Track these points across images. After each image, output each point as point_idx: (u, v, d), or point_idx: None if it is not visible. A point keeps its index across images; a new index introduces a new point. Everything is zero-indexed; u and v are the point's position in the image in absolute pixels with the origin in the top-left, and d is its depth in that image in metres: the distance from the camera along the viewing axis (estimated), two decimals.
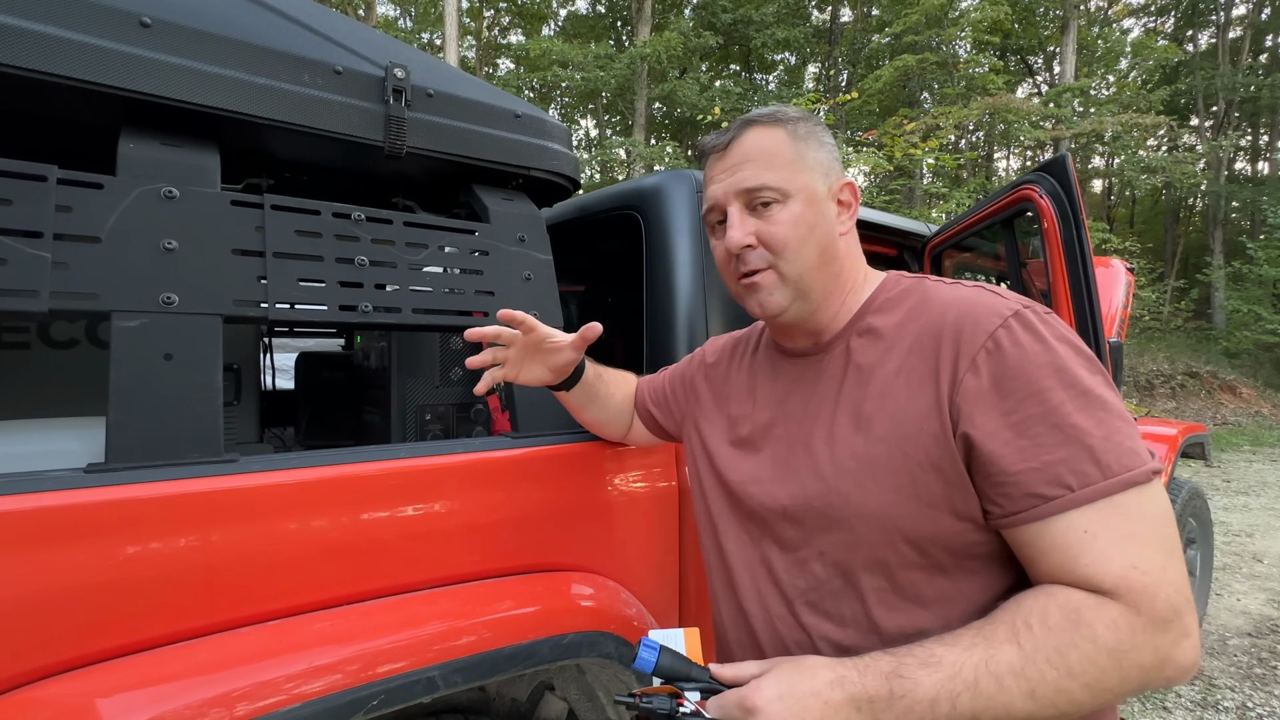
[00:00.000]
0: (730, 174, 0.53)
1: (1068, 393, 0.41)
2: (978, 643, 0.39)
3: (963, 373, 0.44)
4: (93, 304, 0.55)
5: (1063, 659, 0.38)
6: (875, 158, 6.08)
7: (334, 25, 0.74)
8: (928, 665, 0.39)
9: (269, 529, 0.56)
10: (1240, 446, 6.42)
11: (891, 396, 0.47)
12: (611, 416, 0.73)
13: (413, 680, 0.55)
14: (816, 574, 0.50)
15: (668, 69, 10.51)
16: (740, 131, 0.53)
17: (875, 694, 0.39)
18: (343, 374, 1.29)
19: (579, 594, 0.69)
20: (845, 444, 0.49)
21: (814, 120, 0.55)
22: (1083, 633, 0.38)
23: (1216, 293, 10.89)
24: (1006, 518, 0.42)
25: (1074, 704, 0.38)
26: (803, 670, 0.42)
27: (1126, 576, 0.38)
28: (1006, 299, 0.46)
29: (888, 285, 0.54)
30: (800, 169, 0.52)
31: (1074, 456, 0.40)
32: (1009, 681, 0.38)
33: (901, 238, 1.48)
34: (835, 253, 0.53)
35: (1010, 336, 0.44)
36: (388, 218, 0.73)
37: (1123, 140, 9.98)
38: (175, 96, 0.62)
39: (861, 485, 0.47)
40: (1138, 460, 0.40)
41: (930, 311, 0.49)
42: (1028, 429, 0.41)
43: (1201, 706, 1.75)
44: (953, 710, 0.38)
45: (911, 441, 0.45)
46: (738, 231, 0.52)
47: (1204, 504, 2.10)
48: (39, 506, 0.48)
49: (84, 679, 0.48)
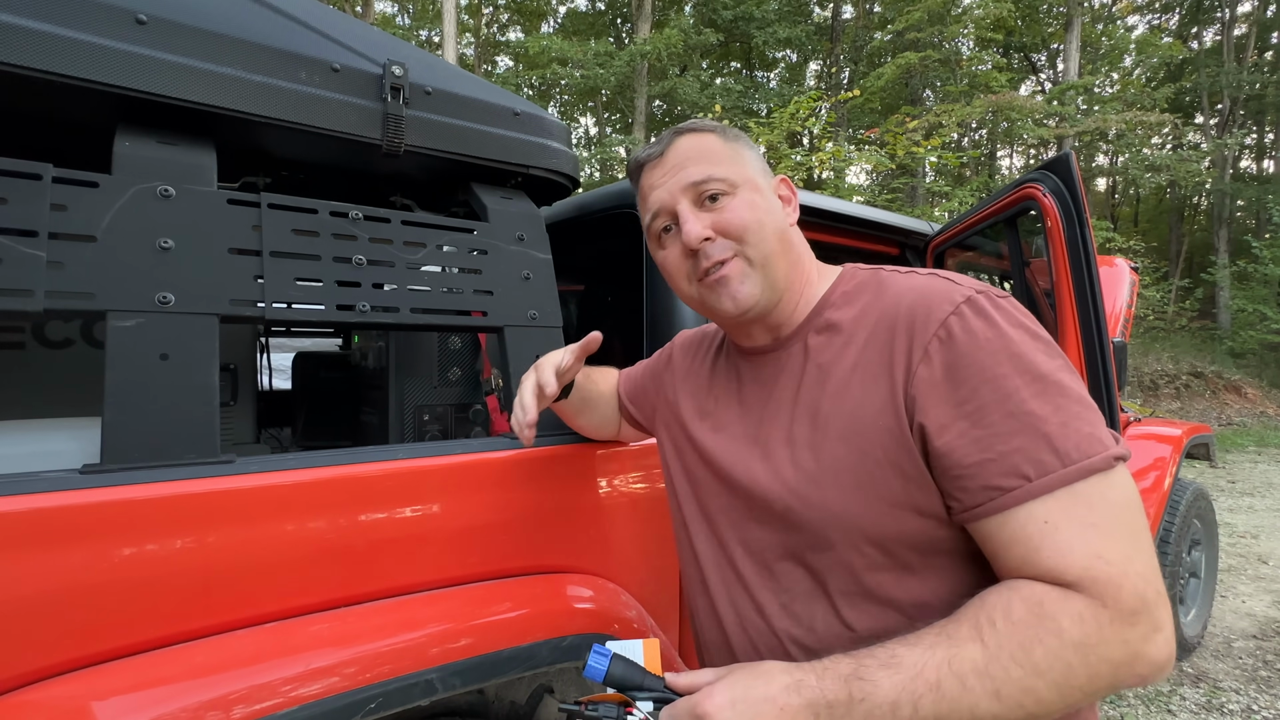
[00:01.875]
0: (672, 175, 0.52)
1: (1023, 379, 0.40)
2: (940, 642, 0.38)
3: (916, 363, 0.43)
4: (88, 303, 0.55)
5: (1027, 655, 0.36)
6: (877, 156, 6.06)
7: (331, 22, 0.74)
8: (888, 666, 0.38)
9: (266, 530, 0.56)
10: (1245, 447, 6.38)
11: (848, 394, 0.47)
12: (602, 419, 0.73)
13: (411, 683, 0.55)
14: (784, 577, 0.49)
15: (668, 66, 10.50)
16: (673, 139, 0.54)
17: (834, 699, 0.38)
18: (340, 374, 1.28)
19: (578, 595, 0.69)
20: (805, 446, 0.48)
21: (736, 129, 0.56)
22: (1047, 627, 0.36)
23: (1221, 292, 10.83)
24: (966, 512, 0.41)
25: (1041, 704, 0.36)
26: (758, 675, 0.41)
27: (1090, 567, 0.37)
28: (960, 285, 0.45)
29: (845, 278, 0.54)
30: (739, 163, 0.52)
31: (1031, 445, 0.39)
32: (972, 681, 0.36)
33: (904, 236, 1.47)
34: (791, 240, 0.53)
35: (962, 323, 0.42)
36: (385, 216, 0.73)
37: (1127, 138, 9.93)
38: (171, 94, 0.61)
39: (822, 488, 0.46)
40: (1098, 446, 0.39)
41: (884, 302, 0.48)
42: (982, 418, 0.40)
43: (1206, 709, 1.74)
44: (915, 713, 0.37)
45: (869, 439, 0.44)
46: (694, 225, 0.50)
47: (1209, 505, 2.09)
48: (34, 508, 0.48)
49: (80, 681, 0.47)
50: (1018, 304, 0.45)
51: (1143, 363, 8.61)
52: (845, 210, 1.31)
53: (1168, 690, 1.84)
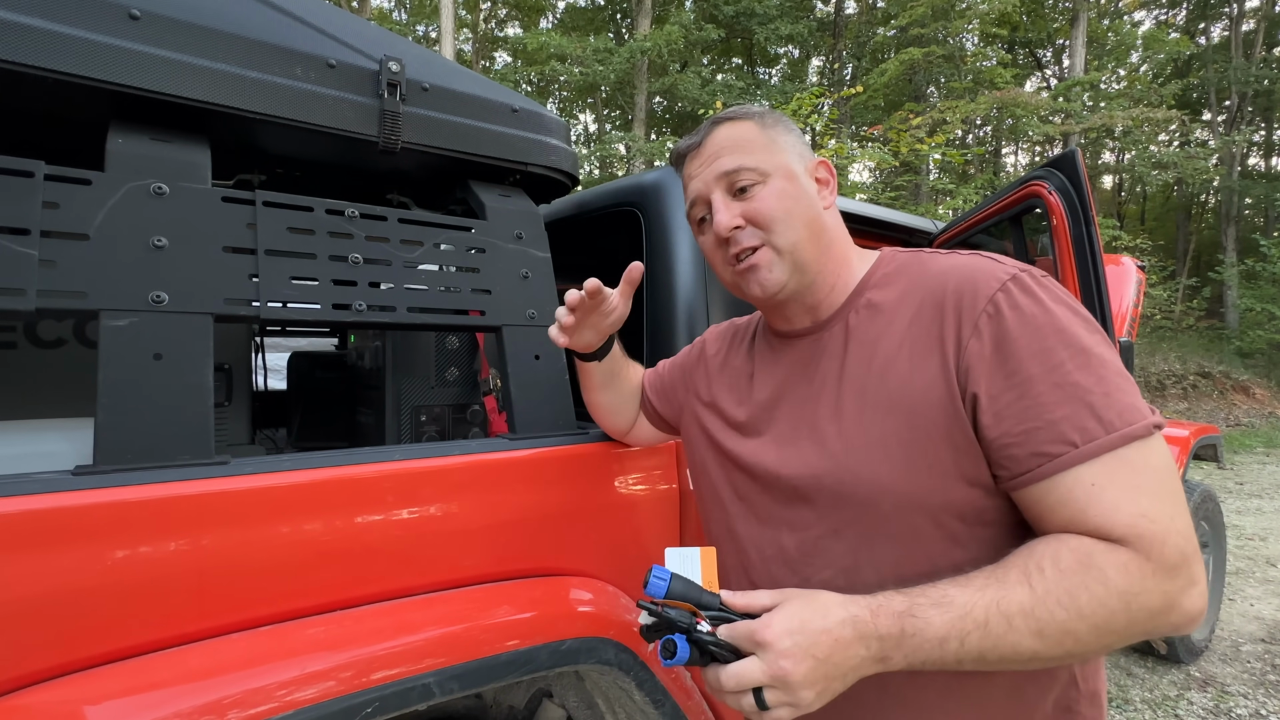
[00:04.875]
0: (707, 165, 0.55)
1: (1067, 352, 0.42)
2: (990, 584, 0.40)
3: (966, 338, 0.45)
4: (80, 302, 0.54)
5: (1073, 600, 0.39)
6: (880, 153, 6.03)
7: (327, 18, 0.73)
8: (939, 605, 0.40)
9: (261, 532, 0.55)
10: (1253, 448, 6.32)
11: (895, 369, 0.48)
12: (623, 402, 0.73)
13: (408, 687, 0.54)
14: (831, 552, 0.50)
15: (668, 62, 10.45)
16: (711, 129, 0.56)
17: (886, 633, 0.40)
18: (336, 374, 1.28)
19: (578, 599, 0.68)
20: (853, 420, 0.49)
21: (778, 113, 0.58)
22: (1094, 575, 0.39)
23: (1229, 291, 10.73)
24: (1014, 479, 0.43)
25: (1080, 644, 0.39)
26: (814, 608, 0.42)
27: (1135, 525, 0.39)
28: (1004, 264, 0.47)
29: (884, 261, 0.55)
30: (774, 151, 0.54)
31: (1076, 414, 0.41)
32: (1018, 621, 0.39)
33: (908, 235, 1.46)
34: (823, 225, 0.55)
35: (1009, 300, 0.45)
36: (382, 214, 0.72)
37: (1133, 135, 9.85)
38: (165, 91, 0.61)
39: (871, 460, 0.48)
40: (1138, 415, 0.41)
41: (929, 281, 0.50)
42: (1029, 389, 0.42)
43: (1214, 714, 1.73)
44: (961, 648, 0.39)
45: (919, 413, 0.46)
46: (724, 215, 0.54)
47: (1216, 507, 2.07)
48: (26, 509, 0.47)
49: (72, 685, 0.47)
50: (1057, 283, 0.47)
51: (1149, 363, 8.55)
52: (848, 208, 1.30)
53: (1175, 695, 1.82)
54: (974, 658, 0.39)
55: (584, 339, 0.64)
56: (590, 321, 0.62)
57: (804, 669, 0.39)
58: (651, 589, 0.44)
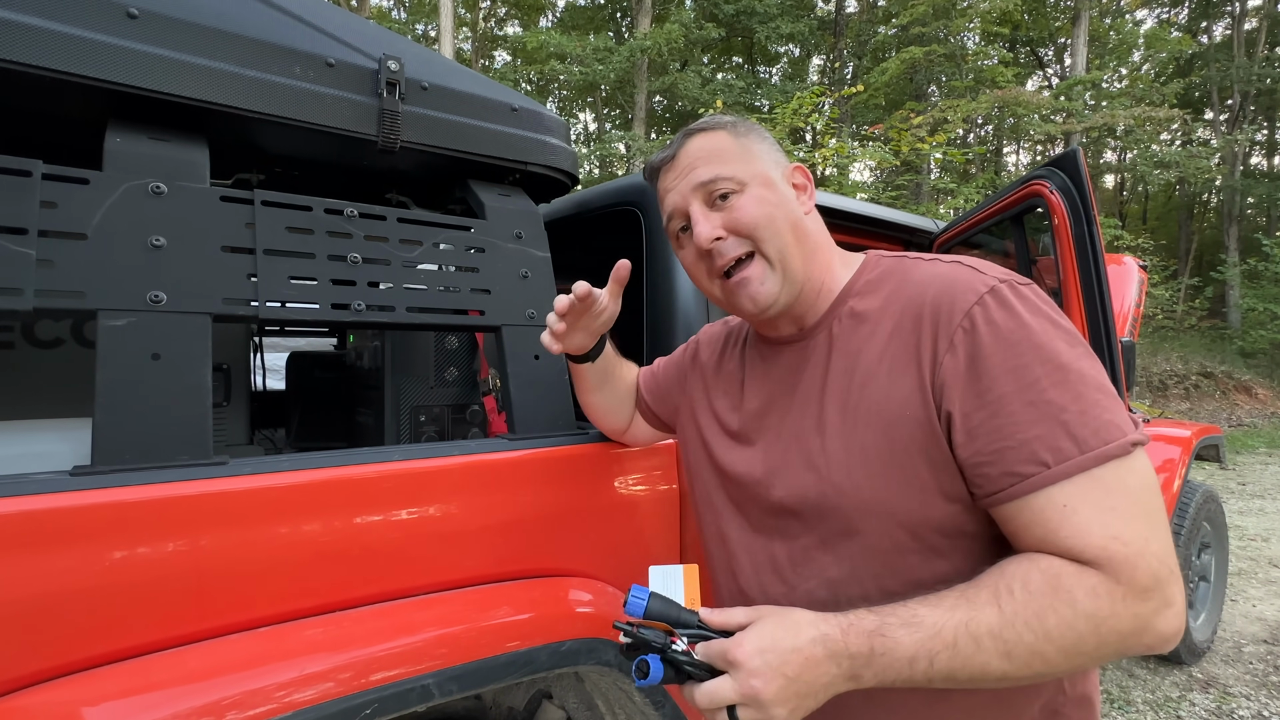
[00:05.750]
0: (683, 177, 0.54)
1: (1043, 368, 0.42)
2: (960, 604, 0.40)
3: (942, 354, 0.45)
4: (78, 302, 0.54)
5: (1041, 623, 0.39)
6: (881, 152, 6.02)
7: (326, 17, 0.73)
8: (909, 625, 0.40)
9: (259, 533, 0.55)
10: (1256, 449, 6.30)
11: (876, 383, 0.48)
12: (618, 402, 0.73)
13: (407, 688, 0.54)
14: (819, 562, 0.51)
15: (668, 61, 10.44)
16: (683, 141, 0.55)
17: (856, 651, 0.41)
18: (335, 374, 1.27)
19: (577, 600, 0.68)
20: (835, 433, 0.49)
21: (750, 121, 0.57)
22: (1062, 598, 0.39)
23: (1231, 291, 10.71)
24: (988, 497, 0.43)
25: (1049, 665, 0.39)
26: (786, 626, 0.42)
27: (1107, 548, 0.39)
28: (984, 274, 0.46)
29: (868, 266, 0.54)
30: (749, 159, 0.53)
31: (1050, 433, 0.41)
32: (987, 643, 0.39)
33: (908, 234, 1.45)
34: (805, 230, 0.54)
35: (985, 314, 0.44)
36: (381, 214, 0.72)
37: (1135, 134, 9.82)
38: (163, 89, 0.60)
39: (853, 475, 0.48)
40: (1116, 433, 0.40)
41: (909, 290, 0.49)
42: (1002, 408, 0.42)
43: (1216, 715, 1.72)
44: (930, 668, 0.39)
45: (897, 428, 0.46)
46: (704, 226, 0.52)
47: (1218, 508, 2.06)
48: (23, 510, 0.47)
49: (70, 687, 0.47)
50: (1040, 292, 0.46)
51: (1151, 363, 8.53)
52: (849, 208, 1.30)
53: (1176, 696, 1.82)
54: (943, 677, 0.39)
55: (576, 341, 0.63)
56: (581, 323, 0.62)
57: (775, 687, 0.39)
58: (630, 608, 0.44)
